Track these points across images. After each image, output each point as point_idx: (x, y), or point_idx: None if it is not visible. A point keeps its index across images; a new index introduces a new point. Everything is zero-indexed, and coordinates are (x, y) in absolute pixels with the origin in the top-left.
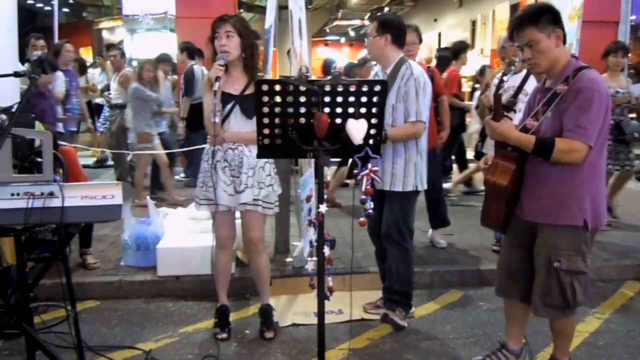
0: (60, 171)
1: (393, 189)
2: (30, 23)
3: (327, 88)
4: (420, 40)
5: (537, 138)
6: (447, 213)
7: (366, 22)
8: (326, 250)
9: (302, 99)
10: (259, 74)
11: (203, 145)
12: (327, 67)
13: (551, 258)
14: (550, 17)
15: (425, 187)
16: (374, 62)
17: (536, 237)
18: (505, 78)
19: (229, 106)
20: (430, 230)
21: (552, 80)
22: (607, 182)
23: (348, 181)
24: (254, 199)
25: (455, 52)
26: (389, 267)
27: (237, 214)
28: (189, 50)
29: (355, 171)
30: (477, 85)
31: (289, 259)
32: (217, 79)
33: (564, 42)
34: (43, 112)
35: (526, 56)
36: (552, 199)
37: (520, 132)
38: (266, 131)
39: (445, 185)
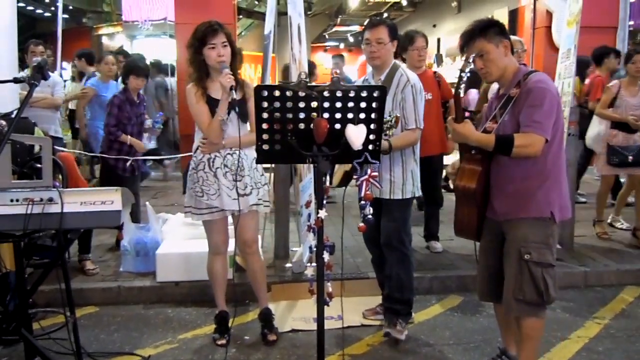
0: (60, 177)
1: (393, 197)
2: (30, 29)
3: (326, 94)
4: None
5: (496, 136)
6: (438, 228)
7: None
8: (326, 256)
9: (301, 105)
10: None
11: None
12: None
13: (521, 251)
14: (497, 30)
15: (420, 193)
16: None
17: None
18: (463, 75)
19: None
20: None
21: (505, 87)
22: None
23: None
24: (258, 199)
25: (597, 57)
26: (390, 275)
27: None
28: (87, 57)
29: (354, 177)
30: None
31: (288, 265)
32: (232, 87)
33: (512, 52)
34: (129, 119)
35: (478, 66)
36: (519, 195)
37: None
38: (265, 137)
39: None
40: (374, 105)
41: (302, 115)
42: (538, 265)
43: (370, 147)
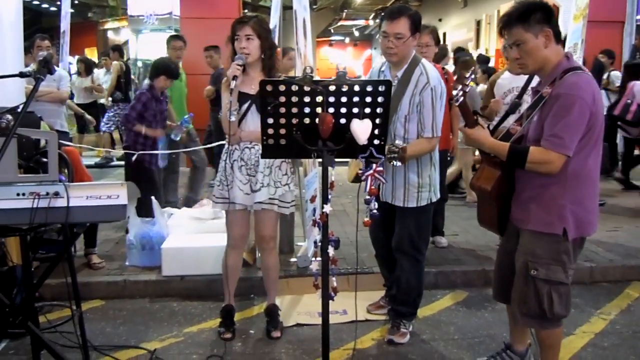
0: (66, 171)
1: (407, 204)
2: (36, 24)
3: (332, 88)
4: (438, 42)
5: (510, 146)
6: (443, 222)
7: (371, 22)
8: (330, 251)
9: (307, 99)
10: (277, 74)
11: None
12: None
13: (528, 266)
14: (540, 16)
15: (439, 196)
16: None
17: None
18: (467, 89)
19: (245, 105)
20: None
21: (543, 81)
22: None
23: None
24: (270, 198)
25: None
26: (399, 278)
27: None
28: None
29: (359, 171)
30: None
31: (293, 259)
32: (235, 77)
33: (558, 41)
34: (154, 116)
35: (514, 56)
36: (532, 205)
37: (504, 136)
38: (270, 131)
39: None
40: (379, 99)
41: (307, 110)
42: (546, 282)
43: (375, 141)
